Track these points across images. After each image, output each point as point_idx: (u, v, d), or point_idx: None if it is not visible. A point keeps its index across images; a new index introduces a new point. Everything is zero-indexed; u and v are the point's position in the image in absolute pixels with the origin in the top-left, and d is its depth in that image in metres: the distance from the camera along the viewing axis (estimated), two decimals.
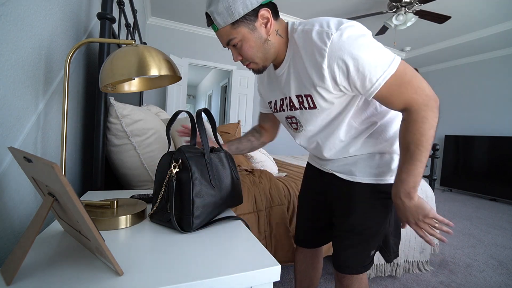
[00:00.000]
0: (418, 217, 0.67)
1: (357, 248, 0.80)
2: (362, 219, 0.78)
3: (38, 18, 0.64)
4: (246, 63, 0.71)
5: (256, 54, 0.68)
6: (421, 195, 1.60)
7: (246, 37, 0.65)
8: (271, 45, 0.68)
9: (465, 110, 4.58)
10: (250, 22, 0.63)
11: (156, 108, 2.01)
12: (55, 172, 0.31)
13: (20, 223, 0.59)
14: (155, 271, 0.41)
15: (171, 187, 0.58)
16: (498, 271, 1.74)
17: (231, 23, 0.62)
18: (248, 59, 0.69)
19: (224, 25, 0.62)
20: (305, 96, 0.71)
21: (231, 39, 0.65)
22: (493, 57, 4.21)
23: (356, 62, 0.59)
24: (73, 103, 0.90)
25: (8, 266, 0.37)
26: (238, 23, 0.62)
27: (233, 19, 0.61)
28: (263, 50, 0.68)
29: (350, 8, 3.25)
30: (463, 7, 3.01)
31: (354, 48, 0.58)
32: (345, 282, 0.83)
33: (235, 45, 0.66)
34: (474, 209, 3.37)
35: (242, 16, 0.62)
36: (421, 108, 0.60)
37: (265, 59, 0.70)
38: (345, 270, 0.82)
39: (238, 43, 0.65)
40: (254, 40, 0.65)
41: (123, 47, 0.66)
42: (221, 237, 0.56)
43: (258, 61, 0.69)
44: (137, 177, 1.04)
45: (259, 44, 0.67)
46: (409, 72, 0.61)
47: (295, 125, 0.82)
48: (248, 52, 0.67)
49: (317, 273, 1.07)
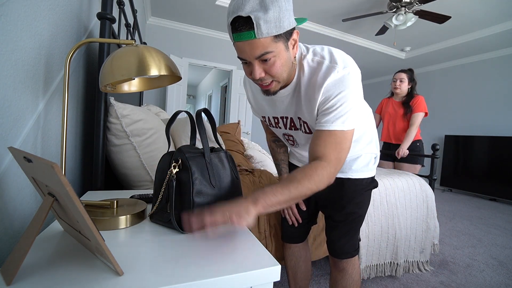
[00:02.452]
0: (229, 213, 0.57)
1: (350, 235, 0.93)
2: (356, 208, 0.91)
3: (38, 18, 0.64)
4: (267, 82, 0.66)
5: (283, 73, 0.65)
6: (421, 195, 1.61)
7: (281, 54, 0.61)
8: (292, 67, 0.68)
9: (465, 110, 4.58)
10: (286, 40, 0.61)
11: (156, 108, 2.00)
12: (55, 172, 0.31)
13: (20, 223, 0.59)
14: (155, 271, 0.41)
15: (171, 187, 0.58)
16: (498, 271, 1.74)
17: (274, 35, 0.57)
18: (274, 78, 0.65)
19: (266, 36, 0.56)
20: (303, 122, 0.78)
21: (267, 52, 0.59)
22: (493, 57, 4.21)
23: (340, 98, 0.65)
24: (73, 103, 0.90)
25: (8, 266, 0.37)
26: (279, 38, 0.59)
27: (278, 31, 0.57)
28: (288, 72, 0.67)
29: (350, 8, 3.25)
30: (463, 7, 3.01)
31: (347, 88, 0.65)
32: (342, 265, 0.95)
33: (265, 60, 0.61)
34: (474, 209, 3.37)
35: (285, 31, 0.59)
36: (330, 165, 0.65)
37: (285, 81, 0.68)
38: (344, 256, 0.93)
39: (272, 58, 0.60)
40: (286, 59, 0.63)
41: (123, 47, 0.66)
42: (221, 237, 0.56)
43: (281, 81, 0.67)
44: (137, 177, 1.04)
45: (287, 65, 0.65)
46: (348, 142, 0.68)
47: (291, 142, 0.91)
48: (278, 70, 0.63)
49: (308, 265, 1.12)
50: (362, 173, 0.90)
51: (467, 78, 4.58)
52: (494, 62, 4.22)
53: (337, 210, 0.92)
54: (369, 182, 0.93)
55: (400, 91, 2.24)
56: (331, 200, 0.93)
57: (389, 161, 2.38)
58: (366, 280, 1.52)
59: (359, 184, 0.90)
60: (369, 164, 0.92)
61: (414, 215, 1.57)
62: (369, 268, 1.46)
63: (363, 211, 0.94)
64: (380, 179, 1.52)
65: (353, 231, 0.94)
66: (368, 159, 0.92)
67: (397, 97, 2.33)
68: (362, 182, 0.90)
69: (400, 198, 1.53)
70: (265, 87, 0.68)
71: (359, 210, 0.92)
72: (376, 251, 1.45)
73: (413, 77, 2.25)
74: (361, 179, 0.90)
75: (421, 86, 5.22)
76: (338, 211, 0.92)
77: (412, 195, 1.57)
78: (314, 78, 0.68)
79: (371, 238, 1.42)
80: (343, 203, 0.90)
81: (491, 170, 4.01)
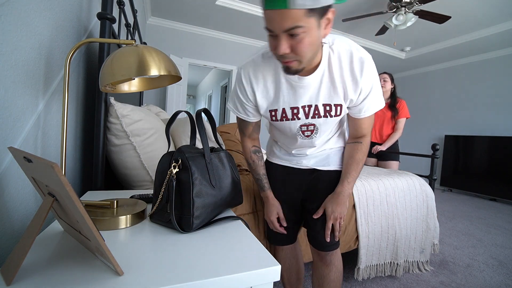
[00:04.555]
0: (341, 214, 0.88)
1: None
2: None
3: (38, 18, 0.64)
4: (289, 59, 0.62)
5: (309, 52, 0.61)
6: (421, 195, 1.61)
7: (311, 31, 0.56)
8: (319, 49, 0.65)
9: (465, 110, 4.58)
10: (320, 17, 0.56)
11: (156, 108, 2.00)
12: (55, 172, 0.31)
13: (20, 223, 0.59)
14: (155, 271, 0.41)
15: (171, 187, 0.58)
16: (498, 271, 1.74)
17: (309, 8, 0.52)
18: (298, 56, 0.60)
19: (300, 7, 0.51)
20: (335, 105, 0.78)
21: (297, 26, 0.54)
22: (493, 57, 4.21)
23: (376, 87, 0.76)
24: (73, 103, 0.90)
25: (8, 266, 0.37)
26: (313, 12, 0.53)
27: (314, 5, 0.52)
28: (315, 51, 0.63)
29: (350, 8, 3.25)
30: (463, 7, 3.01)
31: (376, 75, 0.75)
32: (329, 258, 0.94)
33: (293, 35, 0.56)
34: (474, 209, 3.36)
35: (321, 7, 0.53)
36: (368, 137, 0.88)
37: (310, 61, 0.65)
38: (329, 248, 0.93)
39: (301, 33, 0.55)
40: (315, 38, 0.59)
41: (123, 47, 0.66)
42: (221, 237, 0.56)
43: (305, 60, 0.62)
44: (137, 177, 1.04)
45: (316, 44, 0.60)
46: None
47: (308, 132, 0.85)
48: (305, 49, 0.58)
49: (301, 264, 1.11)
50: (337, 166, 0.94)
51: (467, 78, 4.58)
52: (494, 62, 4.21)
53: (316, 201, 0.93)
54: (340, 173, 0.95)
55: (385, 89, 2.45)
56: (312, 192, 0.94)
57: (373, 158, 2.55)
58: (366, 280, 1.52)
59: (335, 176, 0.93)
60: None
61: (414, 215, 1.57)
62: (369, 268, 1.46)
63: None
64: (380, 179, 1.52)
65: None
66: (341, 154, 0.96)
67: None
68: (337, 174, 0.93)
69: (400, 198, 1.53)
70: (286, 63, 0.63)
71: None
72: (376, 251, 1.45)
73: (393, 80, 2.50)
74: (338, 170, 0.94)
75: (421, 86, 5.23)
76: (318, 202, 0.92)
77: (412, 195, 1.57)
78: (348, 63, 0.71)
79: (371, 238, 1.42)
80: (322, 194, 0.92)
81: (491, 170, 4.01)
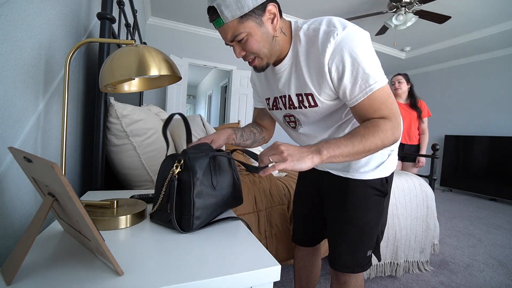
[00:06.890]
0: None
1: (352, 246, 0.80)
2: (358, 214, 0.80)
3: (38, 18, 0.64)
4: (250, 58, 0.68)
5: (262, 49, 0.65)
6: (421, 195, 1.61)
7: (253, 32, 0.62)
8: (277, 41, 0.67)
9: (465, 110, 4.58)
10: (258, 17, 0.61)
11: (156, 108, 2.00)
12: (55, 172, 0.31)
13: (20, 223, 0.59)
14: (155, 271, 0.41)
15: (172, 187, 0.58)
16: (498, 271, 1.74)
17: (239, 16, 0.59)
18: (253, 54, 0.67)
19: (231, 19, 0.59)
20: (305, 94, 0.71)
21: (237, 34, 0.62)
22: (493, 57, 4.20)
23: (353, 62, 0.61)
24: (73, 103, 0.90)
25: (8, 266, 0.37)
26: (247, 17, 0.60)
27: (242, 12, 0.59)
28: (269, 46, 0.66)
29: (350, 8, 3.25)
30: (463, 7, 3.01)
31: (354, 47, 0.61)
32: (344, 278, 0.84)
33: (240, 40, 0.64)
34: (474, 209, 3.36)
35: (251, 10, 0.59)
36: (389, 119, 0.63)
37: (270, 56, 0.68)
38: (342, 269, 0.82)
39: (244, 38, 0.63)
40: (261, 35, 0.64)
41: (123, 47, 0.66)
42: (221, 237, 0.56)
43: (263, 56, 0.67)
44: (137, 177, 1.04)
45: (266, 40, 0.65)
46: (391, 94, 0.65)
47: (293, 124, 0.83)
48: (254, 46, 0.64)
49: (315, 270, 1.09)
50: (369, 174, 0.78)
51: (467, 78, 4.58)
52: (494, 62, 4.21)
53: (337, 211, 0.83)
54: (379, 185, 0.79)
55: (401, 91, 2.45)
56: (333, 201, 0.85)
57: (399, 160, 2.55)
58: (366, 280, 1.52)
59: (364, 187, 0.79)
60: (380, 163, 0.79)
61: (414, 215, 1.57)
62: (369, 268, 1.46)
63: (369, 220, 0.80)
64: None
65: (358, 243, 0.80)
66: (379, 156, 0.78)
67: (400, 99, 2.51)
68: (368, 184, 0.79)
69: (400, 198, 1.53)
70: (250, 63, 0.70)
71: (363, 217, 0.79)
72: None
73: (409, 79, 2.49)
74: (366, 180, 0.79)
75: (421, 86, 5.22)
76: (338, 213, 0.83)
77: (412, 195, 1.57)
78: (314, 45, 0.65)
79: None
80: (344, 206, 0.81)
81: (491, 170, 4.01)
